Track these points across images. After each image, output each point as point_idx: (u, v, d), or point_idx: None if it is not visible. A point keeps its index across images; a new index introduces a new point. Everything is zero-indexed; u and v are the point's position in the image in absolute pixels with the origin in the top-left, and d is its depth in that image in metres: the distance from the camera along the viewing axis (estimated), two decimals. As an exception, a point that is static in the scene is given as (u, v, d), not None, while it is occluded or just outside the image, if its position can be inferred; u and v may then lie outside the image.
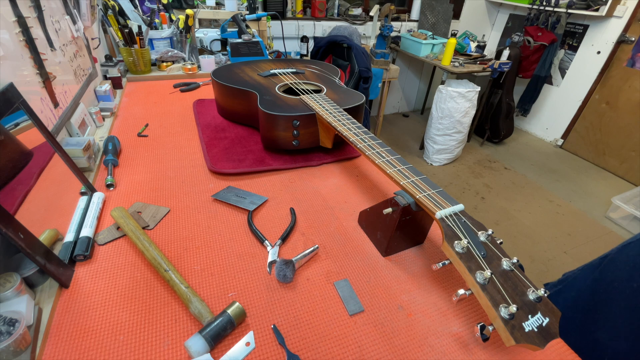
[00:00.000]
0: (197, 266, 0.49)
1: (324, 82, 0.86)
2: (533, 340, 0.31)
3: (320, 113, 0.67)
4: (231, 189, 0.64)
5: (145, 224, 0.55)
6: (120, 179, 0.66)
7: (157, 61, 1.25)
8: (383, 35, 2.41)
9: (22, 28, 0.58)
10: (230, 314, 0.40)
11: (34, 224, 0.41)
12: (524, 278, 0.36)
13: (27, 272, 0.42)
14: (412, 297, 0.46)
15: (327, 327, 0.42)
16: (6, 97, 0.46)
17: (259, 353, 0.39)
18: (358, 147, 0.56)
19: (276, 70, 0.91)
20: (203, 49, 1.49)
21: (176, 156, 0.74)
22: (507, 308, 0.32)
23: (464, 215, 0.42)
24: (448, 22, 3.15)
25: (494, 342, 0.41)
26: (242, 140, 0.79)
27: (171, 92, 1.10)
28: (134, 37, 1.13)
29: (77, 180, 0.57)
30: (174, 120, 0.90)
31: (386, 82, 2.59)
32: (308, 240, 0.54)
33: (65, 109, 0.72)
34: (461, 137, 2.42)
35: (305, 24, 2.74)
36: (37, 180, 0.51)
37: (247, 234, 0.55)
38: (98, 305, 0.43)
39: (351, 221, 0.59)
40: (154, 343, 0.39)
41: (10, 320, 0.36)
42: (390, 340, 0.41)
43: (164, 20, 1.38)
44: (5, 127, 0.47)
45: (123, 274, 0.47)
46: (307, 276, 0.48)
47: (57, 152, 0.55)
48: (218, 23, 1.92)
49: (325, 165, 0.74)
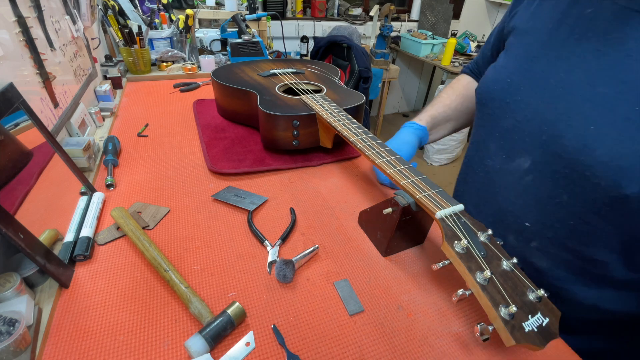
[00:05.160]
0: (197, 266, 0.49)
1: (324, 82, 0.86)
2: (533, 340, 0.31)
3: (320, 113, 0.67)
4: (231, 189, 0.64)
5: (145, 224, 0.55)
6: (120, 179, 0.66)
7: (157, 61, 1.25)
8: (383, 35, 2.41)
9: (22, 28, 0.58)
10: (230, 314, 0.40)
11: (34, 224, 0.41)
12: (524, 278, 0.36)
13: (27, 272, 0.42)
14: (412, 297, 0.46)
15: (327, 327, 0.42)
16: (6, 97, 0.46)
17: (259, 353, 0.39)
18: (358, 147, 0.56)
19: (276, 70, 0.91)
20: (203, 49, 1.49)
21: (176, 156, 0.74)
22: (507, 308, 0.32)
23: (464, 216, 0.42)
24: (448, 22, 3.15)
25: (494, 342, 0.41)
26: (242, 140, 0.79)
27: (171, 92, 1.10)
28: (134, 37, 1.13)
29: (77, 180, 0.57)
30: (174, 120, 0.90)
31: (386, 82, 2.59)
32: (308, 240, 0.54)
33: (65, 109, 0.72)
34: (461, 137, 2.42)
35: (305, 24, 2.75)
36: (37, 180, 0.51)
37: (247, 234, 0.55)
38: (98, 305, 0.43)
39: (351, 221, 0.59)
40: (154, 343, 0.39)
41: (10, 320, 0.36)
42: (390, 340, 0.41)
43: (164, 20, 1.38)
44: (5, 127, 0.47)
45: (123, 274, 0.47)
46: (307, 276, 0.48)
47: (57, 152, 0.55)
48: (218, 23, 1.92)
49: (325, 165, 0.74)
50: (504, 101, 0.54)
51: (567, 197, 0.47)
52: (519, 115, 0.52)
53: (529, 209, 0.52)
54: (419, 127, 0.69)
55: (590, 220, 0.45)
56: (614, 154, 0.41)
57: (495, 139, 0.57)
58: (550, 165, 0.48)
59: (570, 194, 0.46)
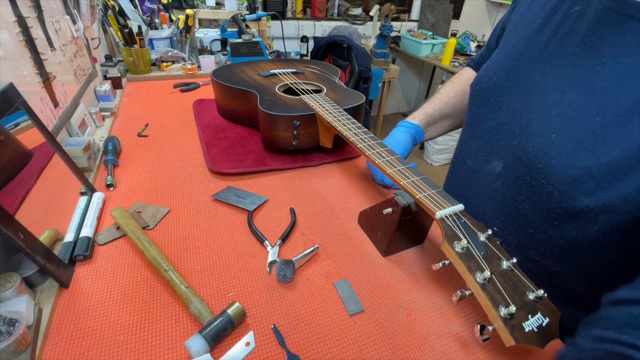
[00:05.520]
0: (197, 266, 0.49)
1: (324, 82, 0.86)
2: (533, 340, 0.32)
3: (320, 113, 0.67)
4: (231, 189, 0.64)
5: (145, 224, 0.55)
6: (120, 179, 0.66)
7: (157, 61, 1.25)
8: (383, 35, 2.41)
9: (22, 28, 0.58)
10: (230, 314, 0.40)
11: (34, 224, 0.41)
12: (524, 278, 0.36)
13: (27, 272, 0.42)
14: (412, 297, 0.46)
15: (327, 327, 0.42)
16: (6, 97, 0.46)
17: (259, 353, 0.39)
18: (358, 147, 0.56)
19: (276, 70, 0.91)
20: (203, 49, 1.49)
21: (176, 156, 0.74)
22: (507, 308, 0.32)
23: (463, 216, 0.42)
24: (448, 22, 3.15)
25: (494, 342, 0.41)
26: (242, 140, 0.79)
27: (171, 92, 1.10)
28: (134, 37, 1.13)
29: (77, 180, 0.57)
30: (174, 120, 0.90)
31: (386, 82, 2.59)
32: (308, 240, 0.54)
33: (65, 109, 0.72)
34: (461, 137, 2.42)
35: (305, 24, 2.74)
36: (37, 180, 0.50)
37: (247, 234, 0.55)
38: (98, 305, 0.43)
39: (351, 221, 0.59)
40: (154, 343, 0.39)
41: (10, 320, 0.36)
42: (390, 340, 0.41)
43: (164, 20, 1.38)
44: (5, 127, 0.47)
45: (123, 274, 0.47)
46: (307, 276, 0.48)
47: (57, 152, 0.55)
48: (218, 23, 1.92)
49: (325, 165, 0.74)
50: (488, 100, 0.53)
51: (527, 204, 0.45)
52: (499, 117, 0.50)
53: (497, 214, 0.51)
54: (412, 126, 0.69)
55: (547, 230, 0.44)
56: (568, 165, 0.39)
57: (476, 139, 0.55)
58: (516, 171, 0.46)
59: (530, 201, 0.45)
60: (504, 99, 0.50)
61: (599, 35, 0.40)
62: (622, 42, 0.38)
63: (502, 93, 0.50)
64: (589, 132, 0.38)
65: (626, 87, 0.37)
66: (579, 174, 0.38)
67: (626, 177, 0.36)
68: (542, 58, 0.46)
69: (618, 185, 0.36)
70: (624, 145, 0.36)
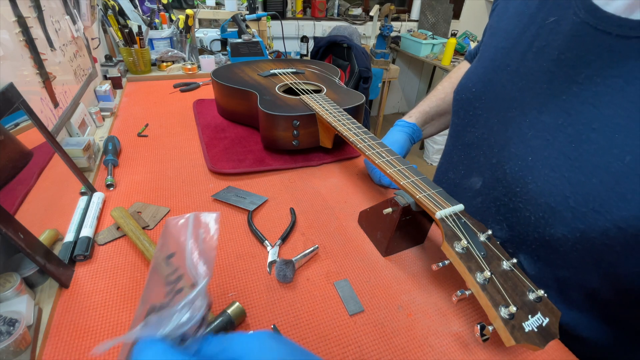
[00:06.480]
0: (197, 266, 0.48)
1: (324, 82, 0.86)
2: (533, 340, 0.31)
3: (320, 113, 0.67)
4: (231, 189, 0.64)
5: (145, 224, 0.55)
6: (120, 179, 0.66)
7: (157, 61, 1.25)
8: (383, 35, 2.41)
9: (22, 28, 0.58)
10: (230, 314, 0.40)
11: (34, 224, 0.41)
12: (524, 278, 0.36)
13: (27, 272, 0.42)
14: (412, 297, 0.46)
15: (327, 327, 0.42)
16: (6, 97, 0.46)
17: (259, 353, 0.39)
18: (358, 147, 0.56)
19: (276, 70, 0.91)
20: (203, 49, 1.49)
21: (176, 156, 0.74)
22: (507, 308, 0.32)
23: (464, 216, 0.42)
24: (448, 22, 3.15)
25: (494, 342, 0.41)
26: (242, 140, 0.79)
27: (171, 92, 1.10)
28: (134, 37, 1.13)
29: (77, 180, 0.57)
30: (174, 120, 0.90)
31: (386, 82, 2.59)
32: (308, 240, 0.54)
33: (65, 109, 0.72)
34: (461, 137, 2.42)
35: (305, 24, 2.75)
36: (37, 180, 0.51)
37: (247, 234, 0.55)
38: (98, 305, 0.43)
39: (351, 221, 0.59)
40: (154, 343, 0.39)
41: (10, 320, 0.36)
42: (390, 340, 0.41)
43: (164, 20, 1.38)
44: (5, 127, 0.47)
45: (123, 274, 0.47)
46: (307, 276, 0.48)
47: (57, 152, 0.55)
48: (218, 23, 1.92)
49: (325, 165, 0.74)
50: (467, 112, 0.51)
51: (506, 225, 0.45)
52: (478, 131, 0.49)
53: None
54: (408, 125, 0.68)
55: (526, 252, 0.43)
56: (543, 191, 0.38)
57: (457, 152, 0.54)
58: (494, 191, 0.45)
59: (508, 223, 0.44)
60: (482, 112, 0.48)
61: (575, 52, 0.37)
62: (599, 62, 0.35)
63: (480, 106, 0.49)
64: (566, 157, 0.37)
65: (603, 112, 0.35)
66: (556, 201, 0.37)
67: (603, 212, 0.34)
68: (518, 72, 0.44)
69: (595, 218, 0.35)
70: (600, 177, 0.34)
